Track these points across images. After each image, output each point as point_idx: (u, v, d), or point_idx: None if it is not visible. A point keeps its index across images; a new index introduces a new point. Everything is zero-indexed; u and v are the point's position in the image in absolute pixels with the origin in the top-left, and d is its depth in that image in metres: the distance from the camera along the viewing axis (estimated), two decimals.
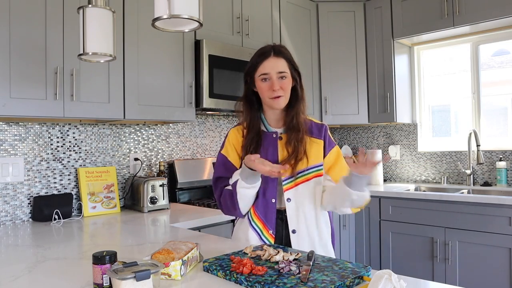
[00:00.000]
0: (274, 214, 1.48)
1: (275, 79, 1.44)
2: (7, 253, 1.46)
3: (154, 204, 2.36)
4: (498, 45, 3.17)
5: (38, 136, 2.20)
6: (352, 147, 3.90)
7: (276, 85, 1.44)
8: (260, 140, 1.50)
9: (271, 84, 1.44)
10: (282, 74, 1.45)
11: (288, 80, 1.47)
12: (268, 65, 1.45)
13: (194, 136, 2.93)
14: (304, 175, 1.48)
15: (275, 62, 1.45)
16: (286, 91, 1.46)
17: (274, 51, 1.46)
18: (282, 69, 1.45)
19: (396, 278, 0.90)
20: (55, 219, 2.09)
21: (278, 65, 1.45)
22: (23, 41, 1.83)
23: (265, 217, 1.48)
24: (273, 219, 1.48)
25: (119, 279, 0.91)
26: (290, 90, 1.49)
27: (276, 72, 1.45)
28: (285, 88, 1.46)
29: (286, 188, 1.47)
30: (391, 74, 3.29)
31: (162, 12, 1.13)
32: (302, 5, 3.30)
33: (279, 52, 1.47)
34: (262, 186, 1.47)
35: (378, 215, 3.01)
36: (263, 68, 1.45)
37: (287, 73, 1.46)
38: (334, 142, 1.58)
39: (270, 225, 1.48)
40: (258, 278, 1.02)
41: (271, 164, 1.33)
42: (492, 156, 3.08)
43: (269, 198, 1.48)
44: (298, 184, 1.48)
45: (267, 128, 1.53)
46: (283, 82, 1.45)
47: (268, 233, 1.47)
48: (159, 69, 2.33)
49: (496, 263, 2.49)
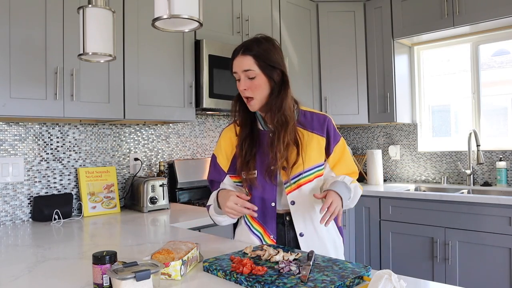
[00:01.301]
0: (275, 219, 1.42)
1: (243, 78, 1.37)
2: (7, 253, 1.46)
3: (154, 204, 2.36)
4: (498, 45, 3.17)
5: (38, 136, 2.20)
6: (352, 147, 3.90)
7: (242, 85, 1.37)
8: (254, 139, 1.44)
9: (239, 84, 1.39)
10: (247, 73, 1.36)
11: (259, 79, 1.36)
12: (235, 64, 1.39)
13: (194, 136, 2.93)
14: (306, 176, 1.41)
15: (241, 60, 1.37)
16: (255, 92, 1.36)
17: (243, 49, 1.37)
18: (247, 67, 1.35)
19: (396, 278, 0.90)
20: (55, 219, 2.09)
21: (243, 64, 1.36)
22: (23, 41, 1.83)
23: (265, 222, 1.43)
24: (273, 224, 1.42)
25: (119, 279, 0.91)
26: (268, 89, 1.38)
27: (241, 71, 1.37)
28: (253, 89, 1.36)
29: (288, 191, 1.41)
30: (391, 74, 3.29)
31: (162, 12, 1.13)
32: (302, 5, 3.30)
33: (247, 50, 1.36)
34: (259, 190, 1.42)
35: (378, 215, 3.01)
36: (232, 67, 1.41)
37: (254, 71, 1.35)
38: (339, 134, 1.48)
39: (270, 230, 1.42)
40: (258, 278, 1.02)
41: (240, 202, 1.29)
42: (492, 156, 3.08)
43: (268, 202, 1.42)
44: (300, 185, 1.41)
45: (263, 126, 1.46)
46: (250, 82, 1.36)
47: (270, 239, 1.43)
48: (159, 69, 2.33)
49: (496, 263, 2.49)
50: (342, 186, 1.33)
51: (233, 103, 1.47)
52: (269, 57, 1.37)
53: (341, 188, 1.32)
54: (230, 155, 1.48)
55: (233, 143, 1.48)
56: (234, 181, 1.49)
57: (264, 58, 1.36)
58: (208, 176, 1.55)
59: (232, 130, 1.50)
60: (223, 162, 1.50)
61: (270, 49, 1.38)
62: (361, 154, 3.81)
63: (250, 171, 1.41)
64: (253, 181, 1.41)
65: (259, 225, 1.45)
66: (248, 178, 1.41)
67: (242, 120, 1.46)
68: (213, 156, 1.54)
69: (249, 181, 1.41)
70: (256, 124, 1.47)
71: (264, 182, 1.41)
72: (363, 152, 3.81)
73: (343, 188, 1.32)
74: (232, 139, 1.48)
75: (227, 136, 1.51)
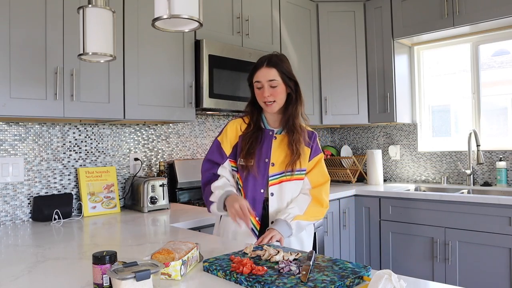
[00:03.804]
0: (261, 203, 1.66)
1: (266, 87, 1.63)
2: (7, 253, 1.46)
3: (154, 204, 2.36)
4: (498, 45, 3.17)
5: (38, 136, 2.20)
6: (352, 147, 3.90)
7: (266, 92, 1.63)
8: (259, 134, 1.68)
9: (263, 91, 1.64)
10: (271, 82, 1.63)
11: (280, 88, 1.64)
12: (260, 74, 1.65)
13: (194, 136, 2.93)
14: (290, 175, 1.66)
15: (266, 72, 1.63)
16: (277, 98, 1.64)
17: (268, 62, 1.64)
18: (272, 78, 1.63)
19: (396, 278, 0.90)
20: (55, 219, 2.09)
21: (269, 75, 1.63)
22: (23, 41, 1.83)
23: (253, 202, 1.63)
24: (260, 207, 1.65)
25: (119, 279, 0.91)
26: (286, 96, 1.67)
27: (266, 81, 1.63)
28: (276, 95, 1.64)
29: (271, 183, 1.65)
30: (391, 74, 3.29)
31: (162, 12, 1.13)
32: (302, 5, 3.30)
33: (272, 63, 1.64)
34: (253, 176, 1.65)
35: (378, 215, 3.01)
36: (256, 77, 1.66)
37: (278, 81, 1.63)
38: (320, 149, 1.77)
39: (257, 212, 1.64)
40: (258, 278, 1.02)
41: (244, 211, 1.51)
42: (492, 156, 3.08)
43: (258, 188, 1.65)
44: (282, 181, 1.66)
45: (266, 126, 1.73)
46: (273, 90, 1.63)
47: (255, 220, 1.63)
48: (159, 69, 2.33)
49: (496, 263, 2.49)
50: (283, 224, 1.57)
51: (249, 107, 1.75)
52: (288, 71, 1.67)
53: (282, 226, 1.56)
54: (233, 143, 1.72)
55: (237, 133, 1.72)
56: (232, 165, 1.73)
57: (285, 71, 1.66)
58: (207, 156, 1.75)
59: (239, 123, 1.74)
60: (226, 147, 1.72)
61: (288, 64, 1.69)
62: (361, 154, 3.81)
63: (249, 160, 1.65)
64: (251, 168, 1.65)
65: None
66: (247, 165, 1.65)
67: (255, 120, 1.72)
68: (217, 141, 1.75)
69: (248, 168, 1.65)
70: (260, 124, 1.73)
71: (258, 170, 1.65)
72: (363, 152, 3.81)
73: (283, 226, 1.57)
74: (238, 130, 1.73)
75: (234, 126, 1.74)
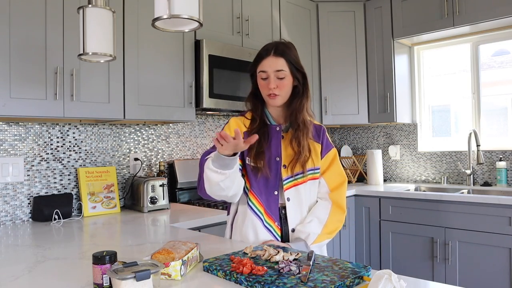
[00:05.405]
0: (277, 206, 1.49)
1: (273, 77, 1.46)
2: (7, 253, 1.46)
3: (154, 204, 2.36)
4: (498, 45, 3.17)
5: (38, 136, 2.20)
6: (352, 147, 3.90)
7: (272, 84, 1.46)
8: (265, 131, 1.52)
9: (268, 82, 1.47)
10: (279, 73, 1.46)
11: (287, 80, 1.48)
12: (267, 64, 1.47)
13: (194, 136, 2.93)
14: (302, 177, 1.50)
15: (273, 61, 1.47)
16: (282, 90, 1.47)
17: (275, 50, 1.48)
18: (280, 68, 1.46)
19: (396, 278, 0.90)
20: (55, 219, 2.09)
21: (276, 64, 1.46)
22: (23, 41, 1.83)
23: (268, 206, 1.48)
24: (277, 211, 1.49)
25: (119, 279, 0.91)
26: (291, 88, 1.51)
27: (273, 71, 1.46)
28: (282, 87, 1.47)
29: (286, 187, 1.49)
30: (391, 74, 3.29)
31: (162, 12, 1.13)
32: (302, 5, 3.30)
33: (279, 52, 1.47)
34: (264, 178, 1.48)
35: (378, 215, 3.01)
36: (262, 66, 1.49)
37: (285, 72, 1.47)
38: (331, 144, 1.61)
39: (275, 217, 1.49)
40: (258, 278, 1.02)
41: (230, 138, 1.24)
42: (492, 156, 3.08)
43: (271, 189, 1.49)
44: (297, 184, 1.50)
45: (270, 121, 1.56)
46: (280, 82, 1.47)
47: (275, 225, 1.48)
48: (159, 69, 2.33)
49: (496, 263, 2.49)
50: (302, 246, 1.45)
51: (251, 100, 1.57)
52: (296, 61, 1.50)
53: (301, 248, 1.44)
54: None
55: (242, 130, 1.55)
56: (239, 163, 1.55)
57: (293, 61, 1.49)
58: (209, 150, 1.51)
59: (241, 120, 1.58)
60: None
61: (295, 52, 1.52)
62: (361, 154, 3.81)
63: (259, 161, 1.48)
64: (262, 169, 1.47)
65: (260, 204, 1.49)
66: (257, 166, 1.48)
67: (260, 115, 1.54)
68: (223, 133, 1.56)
69: (258, 169, 1.48)
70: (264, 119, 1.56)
71: (270, 171, 1.48)
72: (363, 152, 3.81)
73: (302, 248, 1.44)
74: (242, 127, 1.55)
75: (237, 123, 1.57)
